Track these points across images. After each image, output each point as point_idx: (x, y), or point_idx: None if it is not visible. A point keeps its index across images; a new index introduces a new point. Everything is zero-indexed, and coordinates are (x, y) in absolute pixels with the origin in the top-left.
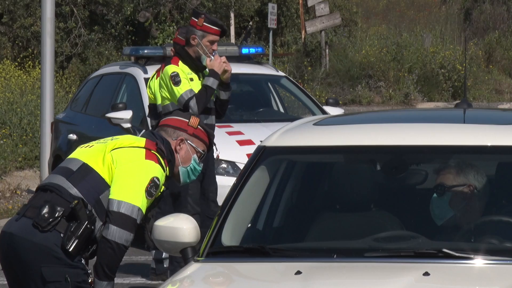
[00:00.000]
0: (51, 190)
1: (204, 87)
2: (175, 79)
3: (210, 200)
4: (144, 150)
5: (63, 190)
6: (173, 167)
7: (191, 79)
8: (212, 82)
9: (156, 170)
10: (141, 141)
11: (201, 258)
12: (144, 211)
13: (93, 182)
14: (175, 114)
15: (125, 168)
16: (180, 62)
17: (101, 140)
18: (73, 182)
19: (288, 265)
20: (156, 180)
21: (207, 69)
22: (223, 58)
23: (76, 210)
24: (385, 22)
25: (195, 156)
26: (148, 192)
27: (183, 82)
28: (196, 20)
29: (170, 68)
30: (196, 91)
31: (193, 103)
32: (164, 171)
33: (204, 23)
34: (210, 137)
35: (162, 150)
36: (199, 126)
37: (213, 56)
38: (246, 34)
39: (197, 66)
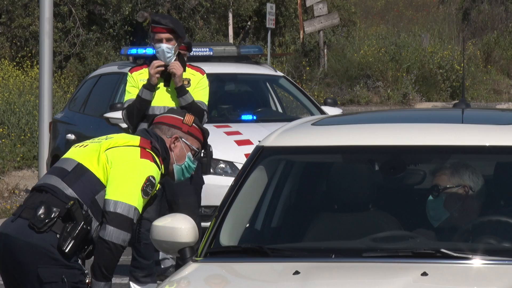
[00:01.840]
0: (46, 191)
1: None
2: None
3: (192, 213)
4: (139, 148)
5: (58, 191)
6: (168, 165)
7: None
8: (141, 91)
9: (151, 169)
10: (135, 139)
11: (199, 258)
12: (140, 210)
13: (88, 183)
14: (170, 111)
15: (120, 168)
16: (144, 68)
17: (96, 139)
18: (68, 182)
19: (286, 265)
20: (152, 179)
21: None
22: (157, 63)
23: (72, 211)
24: (383, 22)
25: (189, 154)
26: (144, 191)
27: (127, 90)
28: None
29: None
30: (159, 99)
31: (123, 113)
32: (159, 169)
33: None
34: (205, 135)
35: (157, 148)
36: (193, 124)
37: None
38: (244, 34)
39: (163, 73)
